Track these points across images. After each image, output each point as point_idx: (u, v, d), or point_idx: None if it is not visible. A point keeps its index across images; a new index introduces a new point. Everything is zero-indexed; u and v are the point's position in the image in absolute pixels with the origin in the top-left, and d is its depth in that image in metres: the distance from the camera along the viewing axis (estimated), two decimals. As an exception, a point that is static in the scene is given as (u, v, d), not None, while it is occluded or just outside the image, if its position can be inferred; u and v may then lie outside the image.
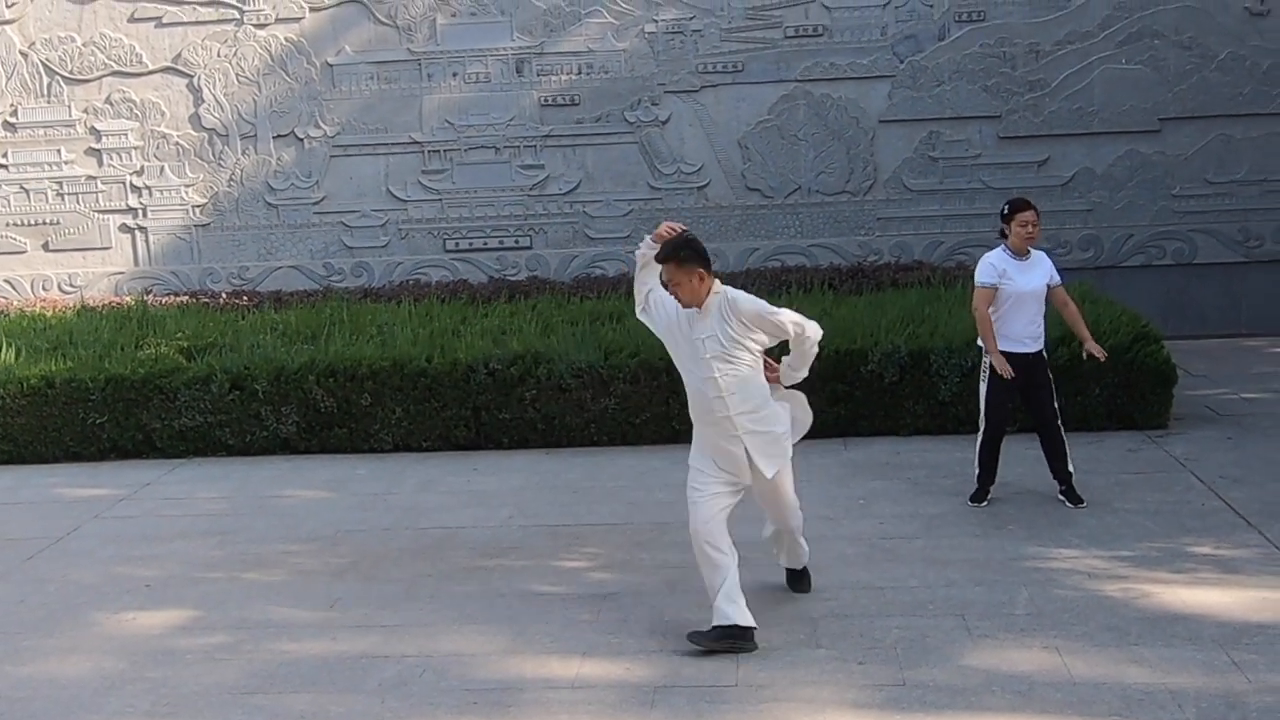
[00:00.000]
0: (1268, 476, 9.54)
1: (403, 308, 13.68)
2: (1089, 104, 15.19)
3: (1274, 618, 6.91)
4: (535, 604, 7.60)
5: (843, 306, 12.63)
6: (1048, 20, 15.17)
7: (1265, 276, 15.27)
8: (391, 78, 15.81)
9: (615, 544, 8.66)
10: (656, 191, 15.73)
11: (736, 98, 15.53)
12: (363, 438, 11.49)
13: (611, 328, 12.30)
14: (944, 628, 6.97)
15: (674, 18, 15.48)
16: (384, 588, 8.02)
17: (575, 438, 11.39)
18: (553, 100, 15.72)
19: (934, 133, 15.39)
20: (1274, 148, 15.11)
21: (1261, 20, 15.01)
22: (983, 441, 9.10)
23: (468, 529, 9.15)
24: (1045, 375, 9.07)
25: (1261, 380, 12.87)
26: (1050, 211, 14.96)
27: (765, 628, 7.00)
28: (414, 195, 15.92)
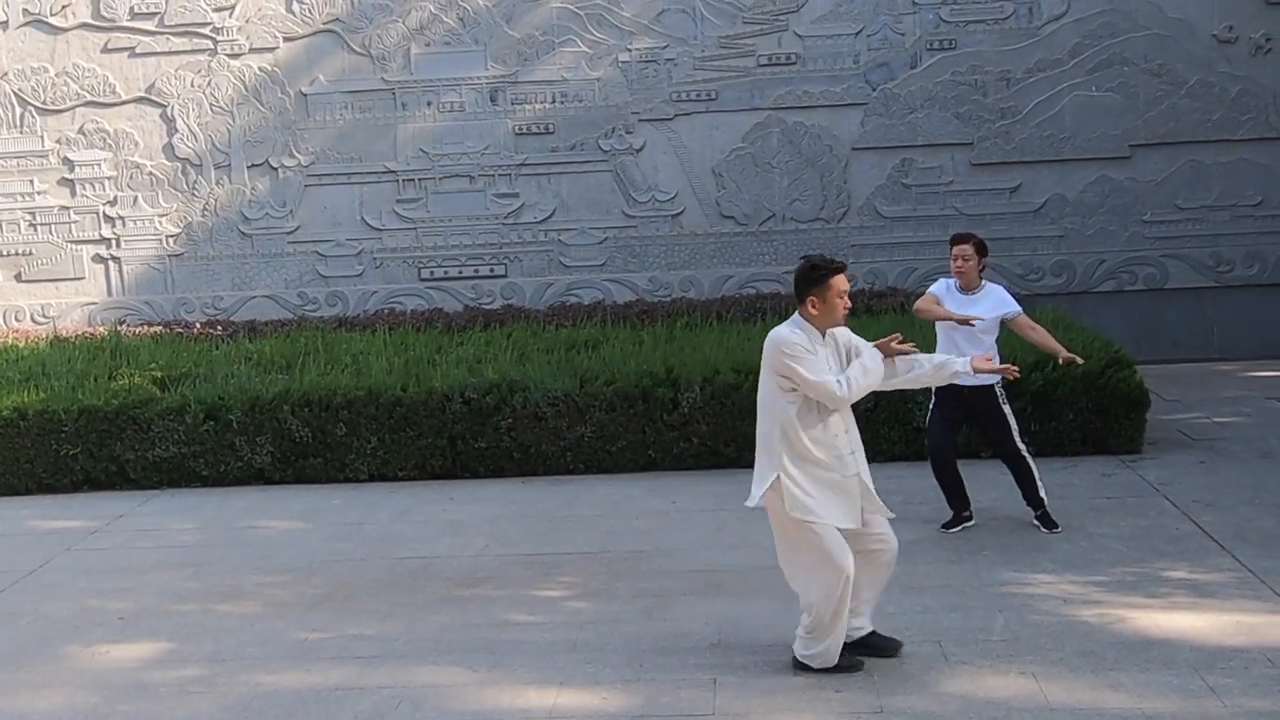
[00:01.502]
0: (1240, 500, 9.59)
1: (378, 337, 13.67)
2: (1060, 131, 15.32)
3: (1248, 641, 6.93)
4: (512, 634, 7.57)
5: (817, 333, 12.65)
6: (1018, 48, 15.31)
7: (1236, 301, 15.39)
8: (366, 107, 15.84)
9: (592, 573, 8.64)
10: (631, 220, 15.77)
11: (710, 126, 15.60)
12: (338, 467, 11.45)
13: (587, 356, 12.31)
14: (921, 655, 6.96)
15: (647, 46, 15.55)
16: (359, 618, 7.97)
17: (551, 466, 11.37)
18: (527, 129, 15.76)
19: (907, 160, 15.49)
20: (1243, 173, 15.27)
21: (1229, 47, 15.17)
22: (931, 468, 9.19)
23: (444, 559, 9.12)
24: (992, 409, 9.05)
25: (1233, 404, 12.96)
26: (1023, 238, 15.13)
27: (742, 656, 6.99)
28: (389, 224, 15.93)
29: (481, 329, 14.22)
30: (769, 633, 7.37)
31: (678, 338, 13.04)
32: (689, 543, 9.21)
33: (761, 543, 9.05)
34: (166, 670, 7.30)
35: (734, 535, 9.33)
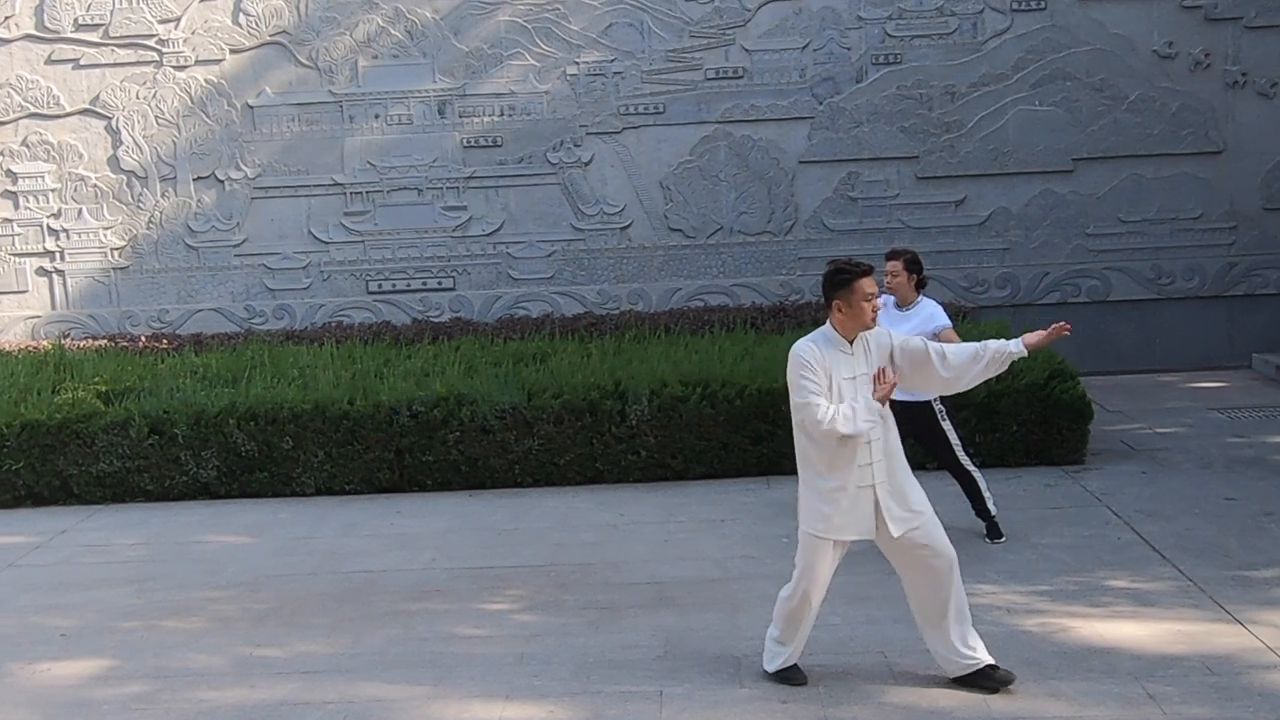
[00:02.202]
0: (1180, 510, 9.72)
1: (325, 350, 13.61)
2: (1004, 144, 15.47)
3: (1188, 650, 7.02)
4: (458, 647, 7.56)
5: (765, 346, 12.73)
6: (962, 63, 15.45)
7: (1177, 313, 15.60)
8: (313, 119, 15.78)
9: (539, 586, 8.65)
10: (580, 232, 15.79)
11: (658, 139, 15.65)
12: (284, 481, 11.40)
13: (535, 369, 12.32)
14: (866, 665, 7.02)
15: (595, 60, 15.59)
16: (305, 633, 7.94)
17: (499, 479, 11.37)
18: (475, 142, 15.76)
19: (853, 173, 15.60)
20: (1183, 187, 15.47)
21: (1169, 63, 15.37)
22: None
23: (390, 573, 9.10)
24: (930, 426, 9.13)
25: (1175, 415, 13.12)
26: (968, 251, 15.27)
27: (689, 668, 7.02)
28: (336, 237, 15.88)
29: (429, 342, 14.20)
30: (716, 645, 7.40)
31: (626, 350, 13.07)
32: (637, 555, 9.23)
33: (710, 555, 9.13)
34: (109, 688, 7.24)
35: (682, 548, 9.36)
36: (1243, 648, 7.02)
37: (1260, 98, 15.41)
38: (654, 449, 11.28)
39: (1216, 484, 10.48)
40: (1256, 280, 15.55)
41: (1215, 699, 6.38)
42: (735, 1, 15.52)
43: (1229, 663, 6.82)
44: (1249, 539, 8.96)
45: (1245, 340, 15.58)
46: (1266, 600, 7.73)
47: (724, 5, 15.52)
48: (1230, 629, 7.31)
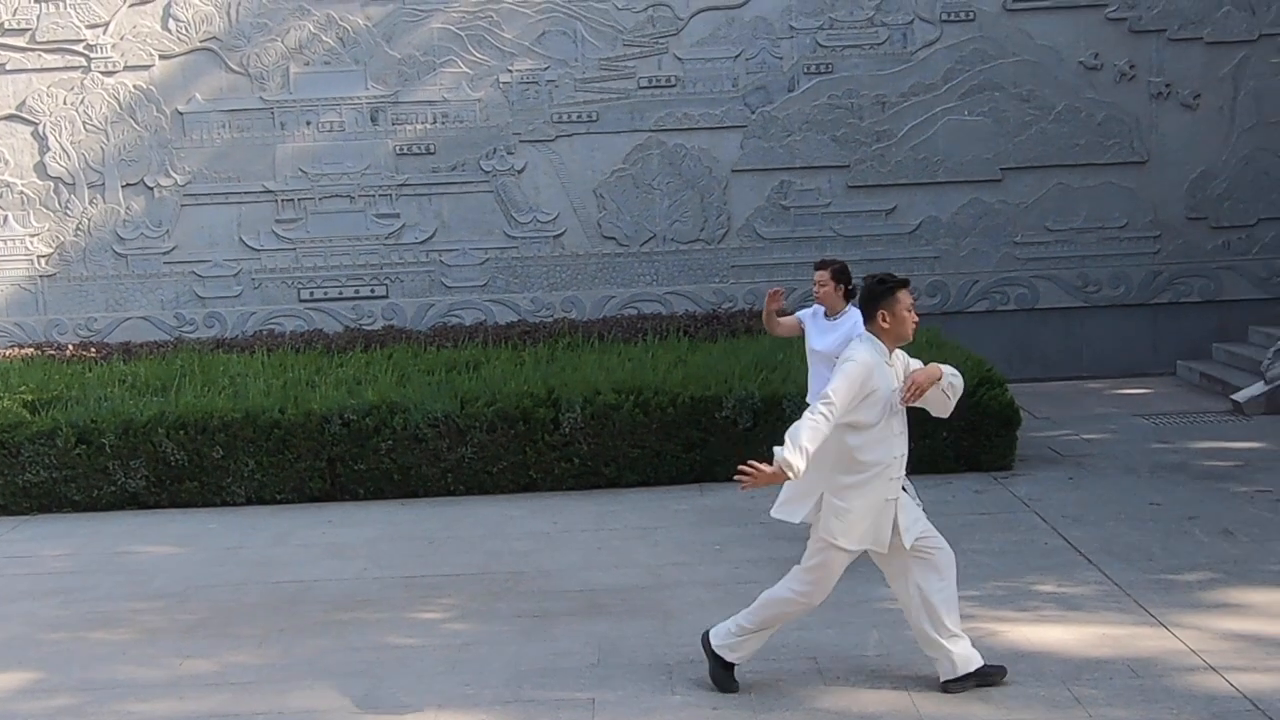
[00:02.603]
0: (1106, 515, 9.86)
1: (256, 358, 13.53)
2: (934, 154, 15.63)
3: (1112, 653, 7.13)
4: (390, 656, 7.53)
5: (698, 353, 12.80)
6: (893, 73, 15.60)
7: (1103, 321, 15.84)
8: (244, 126, 15.68)
9: (472, 594, 8.63)
10: (513, 240, 15.79)
11: (591, 147, 15.69)
12: (214, 491, 11.31)
13: (468, 376, 12.30)
14: (797, 671, 7.06)
15: (528, 68, 15.60)
16: (235, 644, 7.88)
17: (432, 488, 11.34)
18: (408, 149, 15.72)
19: (785, 182, 15.71)
20: (1109, 196, 15.71)
21: (1095, 74, 15.61)
22: None
23: (322, 582, 9.05)
24: None
25: (1101, 421, 13.31)
26: (898, 259, 15.41)
27: (621, 676, 7.04)
28: (267, 244, 15.78)
29: (362, 350, 14.14)
30: (649, 652, 7.42)
31: (559, 358, 13.09)
32: (570, 563, 9.23)
33: (642, 562, 9.15)
34: (34, 700, 7.15)
35: (615, 555, 9.38)
36: (1166, 650, 7.13)
37: (1183, 109, 15.68)
38: (587, 457, 11.29)
39: (1141, 489, 10.64)
40: (1180, 289, 15.81)
41: (1139, 701, 6.48)
42: (668, 10, 15.59)
43: (1152, 665, 6.93)
44: (1172, 543, 9.10)
45: (1170, 348, 15.84)
46: (1189, 603, 7.86)
47: (657, 14, 15.59)
48: (1154, 632, 7.42)
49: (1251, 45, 15.61)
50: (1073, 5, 15.59)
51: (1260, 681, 6.63)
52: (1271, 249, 15.77)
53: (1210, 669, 6.83)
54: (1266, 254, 15.78)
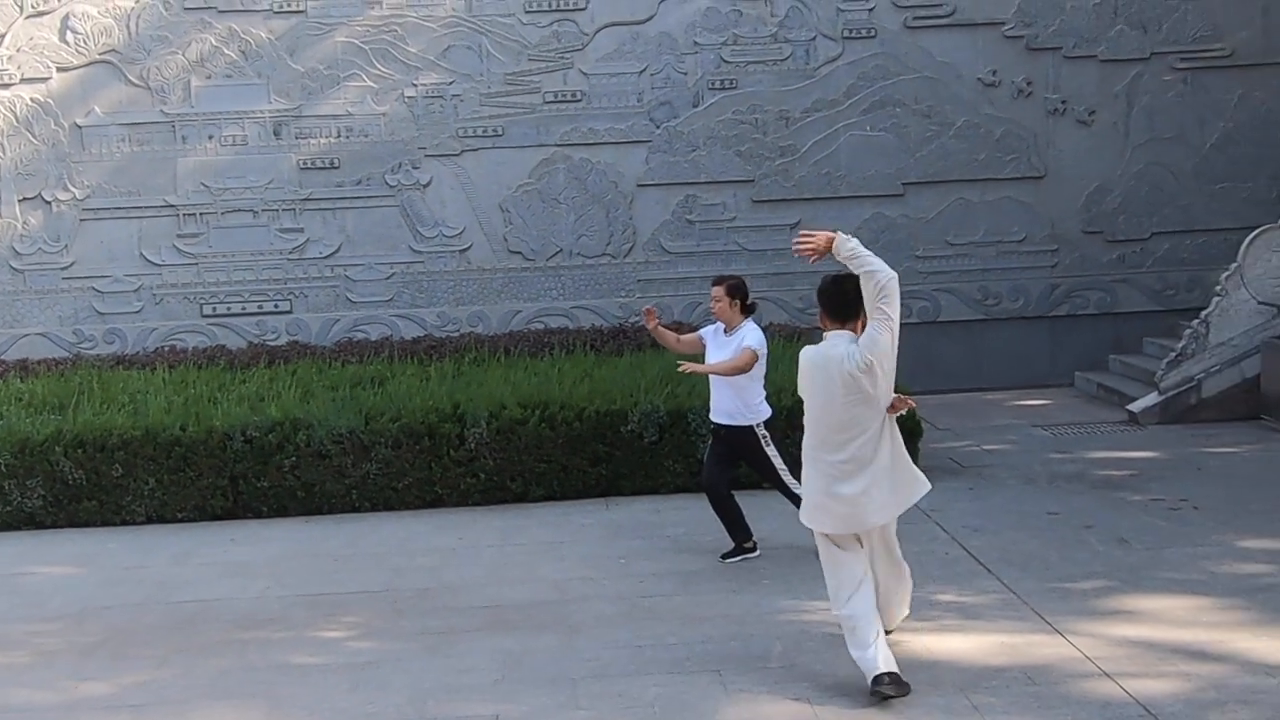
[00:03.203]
0: (1005, 525, 10.02)
1: (157, 375, 13.37)
2: (836, 169, 15.81)
3: (1010, 661, 7.24)
4: (292, 676, 7.47)
5: (604, 367, 12.83)
6: (796, 88, 15.76)
7: (1002, 333, 16.10)
8: (144, 140, 15.48)
9: (376, 612, 8.58)
10: (419, 255, 15.73)
11: (497, 161, 15.68)
12: (114, 510, 11.14)
13: (373, 392, 12.23)
14: (701, 684, 7.10)
15: (433, 82, 15.56)
16: (134, 665, 7.77)
17: (336, 504, 11.26)
18: (312, 163, 15.61)
19: (690, 196, 15.80)
20: (1007, 210, 15.98)
21: (993, 90, 15.89)
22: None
23: (224, 601, 8.95)
24: (753, 450, 9.21)
25: (1001, 432, 13.53)
26: (803, 273, 15.55)
27: (527, 691, 7.04)
28: (169, 259, 15.58)
29: (266, 366, 14.01)
30: (553, 667, 7.43)
31: (465, 373, 13.06)
32: (475, 579, 9.22)
33: (548, 577, 9.16)
34: (-74, 726, 7.01)
35: (521, 570, 9.37)
36: (1062, 657, 7.26)
37: (1079, 125, 16.00)
38: (493, 472, 11.28)
39: (1040, 499, 10.83)
40: (1077, 301, 16.12)
41: (1035, 708, 6.59)
42: (573, 25, 15.63)
43: (1049, 672, 7.05)
44: (1069, 552, 9.27)
45: (1068, 359, 16.14)
46: (1085, 611, 8.01)
47: (562, 29, 15.62)
48: (1051, 639, 7.55)
49: (1144, 63, 15.97)
50: (971, 23, 15.86)
51: (1153, 687, 6.77)
52: (1165, 262, 16.13)
53: (1105, 675, 6.96)
54: (1160, 267, 16.14)
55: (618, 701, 6.89)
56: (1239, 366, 13.77)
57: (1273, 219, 14.53)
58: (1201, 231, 16.13)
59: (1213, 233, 16.08)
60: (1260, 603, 8.03)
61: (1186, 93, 16.03)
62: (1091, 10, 15.88)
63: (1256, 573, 8.63)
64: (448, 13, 15.57)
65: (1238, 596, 8.16)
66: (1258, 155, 16.10)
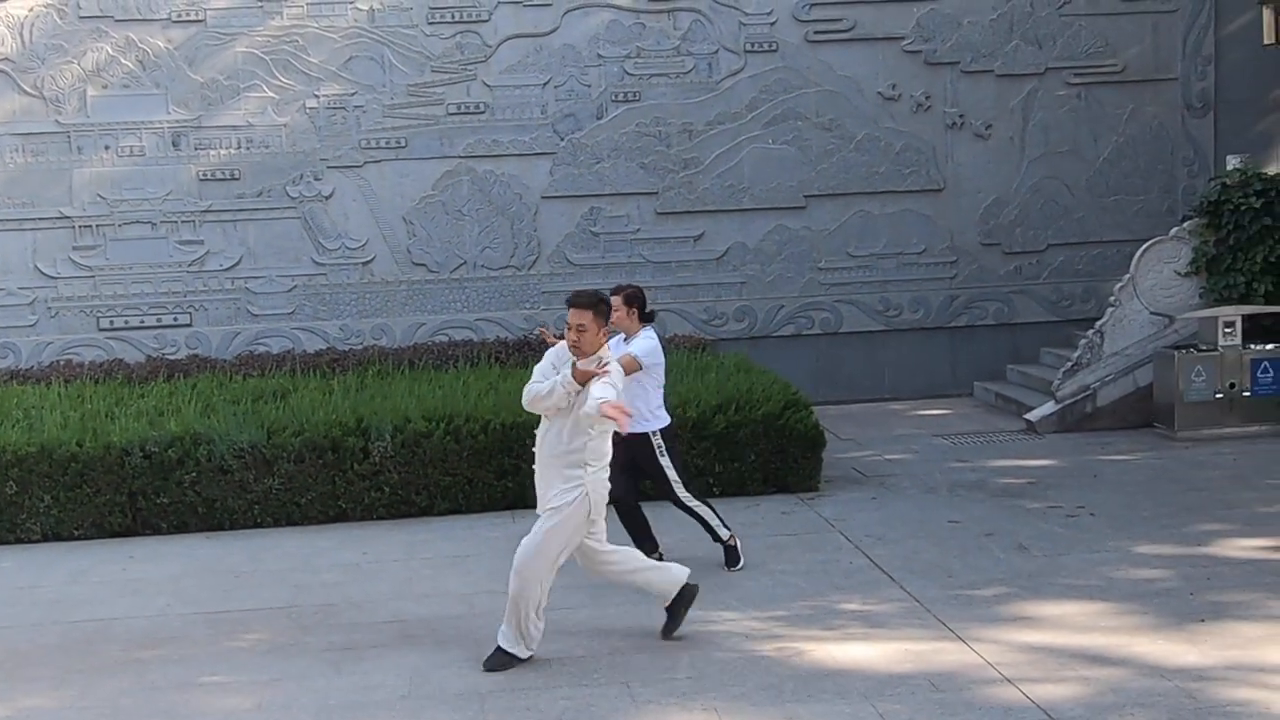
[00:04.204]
0: (907, 534, 10.15)
1: (52, 390, 13.11)
2: (740, 181, 15.92)
3: (914, 668, 7.34)
4: (194, 695, 7.37)
5: (509, 380, 12.78)
6: (698, 101, 15.86)
7: (903, 344, 16.30)
8: (39, 150, 15.19)
9: (279, 628, 8.49)
10: (321, 267, 15.59)
11: (400, 173, 15.59)
12: (8, 528, 10.91)
13: (275, 406, 12.09)
14: (609, 696, 7.11)
15: (335, 93, 15.44)
16: (29, 687, 7.61)
17: (238, 520, 11.12)
18: (212, 174, 15.41)
19: (595, 208, 15.82)
20: (907, 223, 16.19)
21: (893, 104, 16.09)
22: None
23: (123, 620, 8.80)
24: (649, 460, 9.19)
25: (902, 442, 13.70)
26: (706, 284, 15.68)
27: (433, 706, 7.01)
28: (65, 272, 15.29)
29: (165, 380, 13.80)
30: (460, 681, 7.41)
31: (369, 386, 12.96)
32: (380, 594, 9.16)
33: (454, 591, 9.13)
34: None
35: (427, 585, 9.32)
36: (965, 664, 7.38)
37: (976, 138, 16.26)
38: (398, 485, 11.21)
39: (941, 507, 10.99)
40: (976, 312, 16.36)
41: (939, 714, 6.69)
42: (476, 37, 15.59)
43: (952, 679, 7.16)
44: (971, 559, 9.42)
45: (967, 369, 16.39)
46: (987, 617, 8.14)
47: (465, 41, 15.58)
48: (954, 646, 7.67)
49: (1039, 78, 16.27)
50: (871, 38, 16.05)
51: (1053, 692, 6.91)
52: (1060, 273, 16.44)
53: (1007, 681, 7.08)
54: (1056, 278, 16.44)
55: (526, 715, 6.89)
56: (1132, 375, 14.08)
57: (1164, 231, 14.88)
58: (1095, 243, 16.46)
59: (1106, 244, 16.42)
60: (1156, 607, 8.23)
61: (1080, 107, 16.36)
62: (988, 26, 16.15)
63: (1152, 577, 8.84)
64: (349, 23, 15.46)
65: (1134, 601, 8.35)
66: (1149, 169, 16.47)
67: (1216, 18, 16.33)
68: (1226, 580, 8.73)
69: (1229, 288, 14.07)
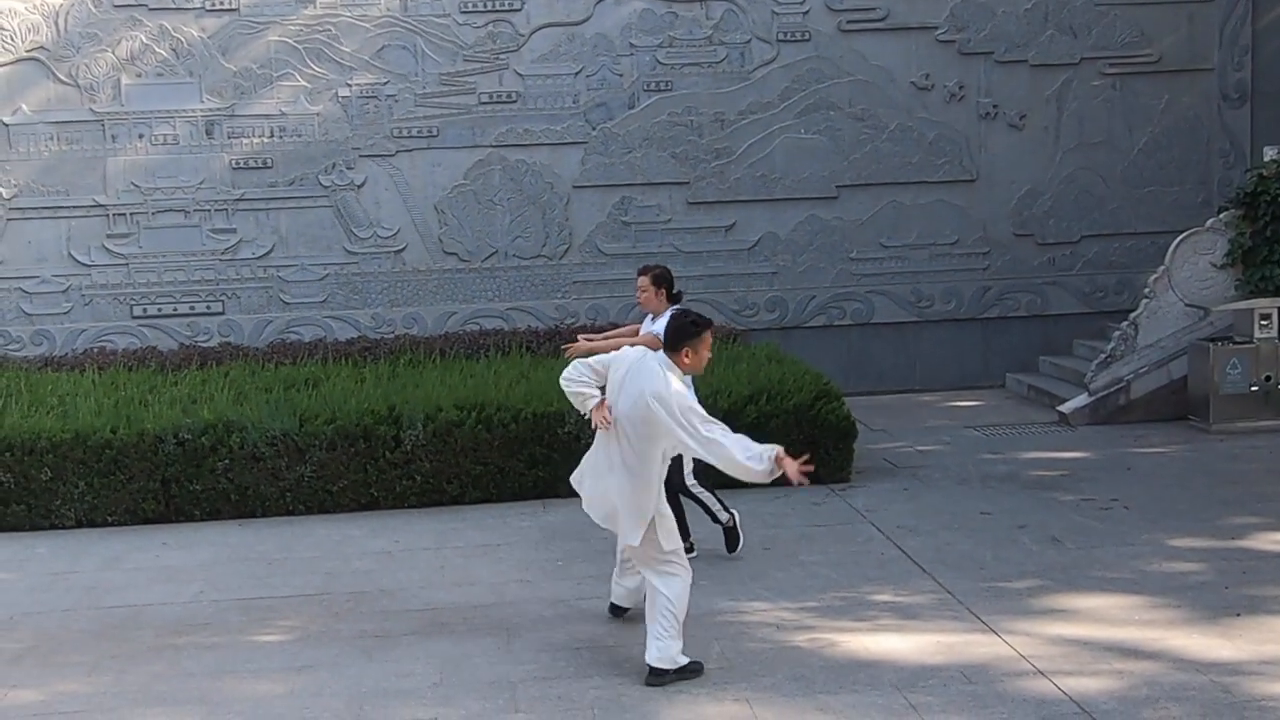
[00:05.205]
0: (939, 525, 10.11)
1: (87, 377, 13.18)
2: (771, 171, 15.88)
3: (946, 660, 7.31)
4: (227, 682, 7.39)
5: (540, 369, 12.80)
6: (731, 91, 15.82)
7: (935, 335, 16.24)
8: (74, 139, 15.27)
9: (311, 615, 8.52)
10: (353, 256, 15.63)
11: (432, 162, 15.61)
12: (43, 514, 10.98)
13: (307, 394, 12.12)
14: (640, 686, 7.10)
15: (368, 82, 15.47)
16: (64, 672, 7.66)
17: (270, 508, 11.16)
18: (244, 163, 15.47)
19: (626, 198, 15.81)
20: (940, 213, 16.12)
21: (926, 94, 16.02)
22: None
23: (155, 606, 8.84)
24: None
25: (934, 433, 13.65)
26: (738, 274, 15.64)
27: (464, 695, 7.02)
28: (99, 260, 15.38)
29: (198, 368, 13.86)
30: (491, 670, 7.41)
31: (400, 375, 12.98)
32: (412, 582, 9.17)
33: (485, 580, 9.13)
34: None
35: (457, 573, 9.34)
36: (997, 656, 7.35)
37: (1010, 129, 16.17)
38: (429, 474, 11.23)
39: (973, 499, 10.94)
40: (1009, 303, 16.29)
41: (971, 706, 6.66)
42: (509, 26, 15.60)
43: (984, 671, 7.13)
44: (1003, 551, 9.37)
45: (999, 361, 16.33)
46: (1019, 610, 8.10)
47: (497, 30, 15.58)
48: (986, 638, 7.63)
49: (1074, 68, 16.18)
50: (904, 27, 15.98)
51: (1086, 685, 6.87)
52: (1094, 265, 16.35)
53: (1039, 673, 7.05)
54: (1089, 270, 16.35)
55: (557, 704, 6.89)
56: (1166, 368, 13.98)
57: (1199, 223, 14.76)
58: (1130, 235, 16.37)
59: (1140, 236, 16.32)
60: (1190, 600, 8.17)
61: (1115, 98, 16.26)
62: (1022, 16, 16.06)
63: (1186, 571, 8.78)
64: (382, 12, 15.49)
65: (1168, 595, 8.29)
66: (1184, 160, 16.36)
67: (1254, 8, 16.20)
68: (1261, 574, 8.66)
69: (1265, 279, 13.95)
